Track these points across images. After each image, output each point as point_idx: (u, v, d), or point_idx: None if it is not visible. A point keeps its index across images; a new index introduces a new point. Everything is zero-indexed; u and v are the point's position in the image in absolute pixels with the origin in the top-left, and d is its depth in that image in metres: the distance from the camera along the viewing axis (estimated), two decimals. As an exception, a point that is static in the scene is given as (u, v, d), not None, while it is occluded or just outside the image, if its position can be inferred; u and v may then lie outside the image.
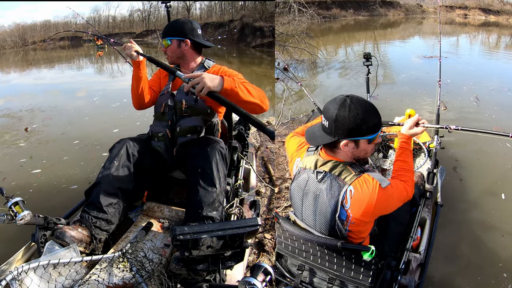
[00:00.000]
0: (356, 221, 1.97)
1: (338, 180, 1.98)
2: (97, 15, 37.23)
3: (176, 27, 2.87)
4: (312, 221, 2.12)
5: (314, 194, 2.08)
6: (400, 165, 2.24)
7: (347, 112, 1.90)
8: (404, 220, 2.63)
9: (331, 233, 2.04)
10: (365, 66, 3.79)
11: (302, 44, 10.96)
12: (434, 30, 23.47)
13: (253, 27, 26.76)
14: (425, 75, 9.40)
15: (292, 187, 2.22)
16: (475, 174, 4.56)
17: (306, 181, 2.12)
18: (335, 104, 1.94)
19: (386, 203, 1.95)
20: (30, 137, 6.82)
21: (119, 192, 2.55)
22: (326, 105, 2.01)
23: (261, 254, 3.25)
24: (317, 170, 2.05)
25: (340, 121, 1.91)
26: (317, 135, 2.05)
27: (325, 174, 2.03)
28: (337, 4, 30.48)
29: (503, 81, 9.25)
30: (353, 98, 1.94)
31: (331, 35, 21.25)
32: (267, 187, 4.23)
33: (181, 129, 2.79)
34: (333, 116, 1.92)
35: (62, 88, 13.17)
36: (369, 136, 1.96)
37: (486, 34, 22.64)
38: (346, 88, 8.80)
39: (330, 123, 1.94)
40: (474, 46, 18.38)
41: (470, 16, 30.33)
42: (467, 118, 6.53)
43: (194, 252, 1.96)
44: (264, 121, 6.41)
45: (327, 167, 2.02)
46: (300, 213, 2.19)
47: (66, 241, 2.20)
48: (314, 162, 2.07)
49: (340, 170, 1.98)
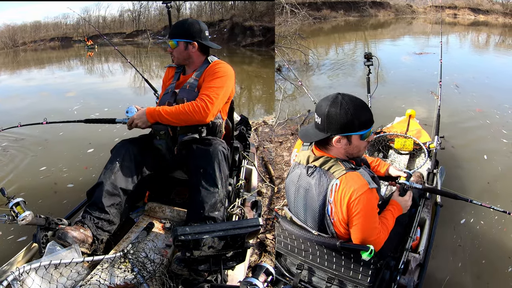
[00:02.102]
0: (336, 217, 1.99)
1: (327, 175, 2.00)
2: (87, 15, 37.00)
3: (184, 29, 2.85)
4: (303, 216, 2.15)
5: (304, 189, 2.11)
6: (385, 215, 2.24)
7: (338, 108, 1.94)
8: (403, 220, 2.64)
9: (321, 228, 2.06)
10: (366, 66, 3.79)
11: (295, 45, 10.97)
12: (424, 30, 23.71)
13: (243, 27, 26.70)
14: (416, 71, 9.60)
15: (286, 182, 2.26)
16: (475, 174, 4.60)
17: (298, 176, 2.16)
18: (327, 101, 1.98)
19: (367, 205, 1.92)
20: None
21: (121, 192, 2.55)
22: (319, 102, 2.05)
23: (262, 255, 3.26)
24: (308, 165, 2.09)
25: (332, 117, 1.95)
26: (310, 133, 2.08)
27: (315, 169, 2.06)
28: (328, 5, 30.44)
29: (482, 71, 10.32)
30: (344, 95, 1.99)
31: (322, 36, 21.26)
32: (268, 187, 4.25)
33: (182, 127, 2.77)
34: (325, 112, 1.96)
35: (52, 89, 13.00)
36: (361, 132, 1.98)
37: (475, 33, 22.84)
38: (336, 88, 8.80)
39: (323, 120, 1.98)
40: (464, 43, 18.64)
41: (459, 15, 30.48)
42: (453, 101, 6.97)
43: (195, 252, 1.96)
44: (260, 121, 6.46)
45: (318, 162, 2.05)
46: (293, 209, 2.22)
47: (68, 242, 2.20)
48: (307, 158, 2.10)
49: (330, 165, 2.00)
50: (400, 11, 32.79)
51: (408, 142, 3.78)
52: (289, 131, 5.68)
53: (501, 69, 11.55)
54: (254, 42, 23.98)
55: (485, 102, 7.37)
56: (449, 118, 5.79)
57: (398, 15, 32.14)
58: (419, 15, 32.07)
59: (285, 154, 4.87)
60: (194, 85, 2.81)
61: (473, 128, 6.07)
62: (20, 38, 35.25)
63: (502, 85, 8.94)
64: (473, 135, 5.78)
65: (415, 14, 32.57)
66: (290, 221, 2.26)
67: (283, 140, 5.27)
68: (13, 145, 6.08)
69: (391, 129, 4.10)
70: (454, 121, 6.03)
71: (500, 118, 6.50)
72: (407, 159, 3.83)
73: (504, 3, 29.18)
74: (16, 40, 34.84)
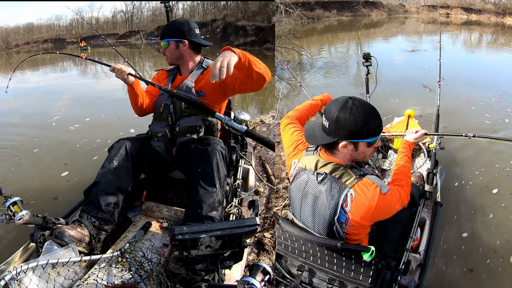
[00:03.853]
0: (356, 224, 1.97)
1: (339, 183, 1.97)
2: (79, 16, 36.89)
3: (174, 28, 2.87)
4: (311, 222, 2.11)
5: (313, 196, 2.07)
6: (401, 170, 2.28)
7: (348, 114, 1.90)
8: (403, 220, 2.65)
9: (329, 234, 2.04)
10: (365, 66, 3.77)
11: (289, 45, 10.98)
12: (417, 29, 23.77)
13: (235, 26, 26.83)
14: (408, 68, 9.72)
15: (291, 187, 2.22)
16: (475, 174, 4.60)
17: (306, 182, 2.12)
18: (337, 104, 1.94)
19: (385, 209, 1.95)
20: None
21: (118, 191, 2.56)
22: (328, 105, 2.03)
23: (261, 253, 3.26)
24: (318, 171, 2.05)
25: (341, 123, 1.91)
26: (317, 135, 2.05)
27: (325, 176, 2.02)
28: (321, 5, 30.50)
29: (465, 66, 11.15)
30: (355, 100, 1.94)
31: (315, 35, 21.29)
32: (265, 186, 4.25)
33: (181, 128, 2.79)
34: (334, 117, 1.92)
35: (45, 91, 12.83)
36: (368, 140, 1.96)
37: (468, 33, 22.97)
38: (330, 87, 8.90)
39: (331, 124, 1.95)
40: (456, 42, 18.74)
41: (452, 15, 30.61)
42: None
43: (193, 251, 1.97)
44: (257, 120, 6.46)
45: (327, 168, 2.01)
46: (298, 214, 2.19)
47: (65, 241, 2.21)
48: (315, 163, 2.06)
49: (341, 173, 1.97)
50: (393, 11, 32.92)
51: None
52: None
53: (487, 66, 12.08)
54: (247, 42, 24.07)
55: (469, 92, 7.89)
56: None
57: (391, 15, 32.26)
58: (411, 15, 32.18)
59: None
60: (190, 86, 2.82)
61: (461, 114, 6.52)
62: (13, 40, 35.15)
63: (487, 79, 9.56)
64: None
65: (407, 14, 32.69)
66: (291, 223, 2.26)
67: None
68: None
69: (390, 130, 4.10)
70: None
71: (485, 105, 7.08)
72: None
73: (496, 3, 29.44)
74: (9, 42, 34.74)
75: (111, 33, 38.27)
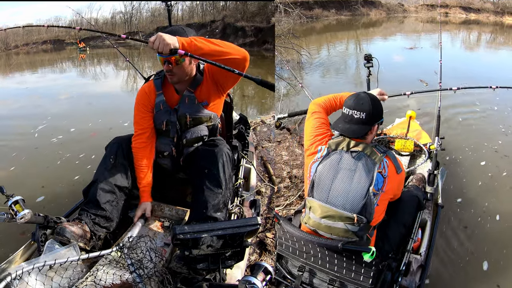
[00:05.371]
0: (389, 190, 2.25)
1: (371, 158, 2.22)
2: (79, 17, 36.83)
3: None
4: (342, 198, 2.19)
5: (349, 170, 2.23)
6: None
7: (375, 101, 2.32)
8: (407, 222, 2.65)
9: (360, 210, 2.14)
10: (366, 67, 3.75)
11: (289, 44, 10.98)
12: (416, 28, 23.76)
13: (234, 27, 26.83)
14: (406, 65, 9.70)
15: (319, 168, 2.30)
16: (475, 174, 4.61)
17: (339, 160, 2.27)
18: (365, 99, 2.31)
19: (400, 185, 2.44)
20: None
21: (116, 189, 2.58)
22: (355, 101, 2.32)
23: (262, 253, 3.26)
24: (351, 150, 2.27)
25: (374, 110, 2.28)
26: (355, 128, 2.31)
27: (359, 153, 2.25)
28: (319, 4, 30.44)
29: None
30: (363, 92, 2.41)
31: (314, 35, 21.29)
32: (267, 186, 4.24)
33: (188, 141, 2.78)
34: (369, 109, 2.27)
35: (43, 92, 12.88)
36: (382, 119, 2.38)
37: (466, 32, 23.00)
38: (330, 86, 8.96)
39: (368, 114, 2.28)
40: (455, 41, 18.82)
41: (451, 14, 30.60)
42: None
43: (194, 251, 1.97)
44: (258, 120, 6.45)
45: (360, 147, 2.27)
46: (326, 193, 2.24)
47: (67, 237, 2.22)
48: (346, 144, 2.30)
49: (370, 151, 2.24)
50: (391, 10, 32.87)
51: (408, 143, 3.78)
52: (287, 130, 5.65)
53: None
54: (246, 43, 24.00)
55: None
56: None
57: (390, 14, 32.22)
58: (410, 14, 32.16)
59: (283, 153, 4.86)
60: (193, 98, 2.71)
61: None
62: (13, 41, 35.11)
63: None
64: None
65: (406, 13, 32.66)
66: (291, 224, 2.29)
67: (281, 140, 5.26)
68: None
69: (392, 131, 4.11)
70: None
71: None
72: (408, 160, 3.83)
73: (495, 2, 29.41)
74: (8, 43, 34.70)
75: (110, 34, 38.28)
